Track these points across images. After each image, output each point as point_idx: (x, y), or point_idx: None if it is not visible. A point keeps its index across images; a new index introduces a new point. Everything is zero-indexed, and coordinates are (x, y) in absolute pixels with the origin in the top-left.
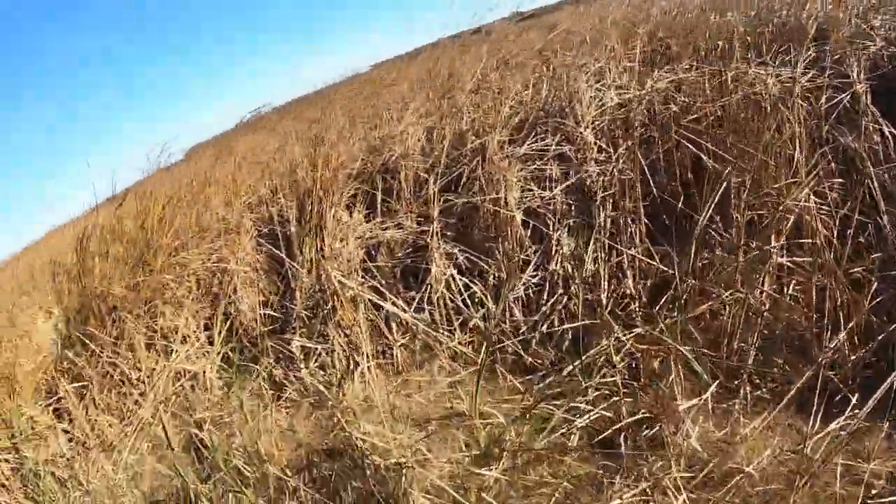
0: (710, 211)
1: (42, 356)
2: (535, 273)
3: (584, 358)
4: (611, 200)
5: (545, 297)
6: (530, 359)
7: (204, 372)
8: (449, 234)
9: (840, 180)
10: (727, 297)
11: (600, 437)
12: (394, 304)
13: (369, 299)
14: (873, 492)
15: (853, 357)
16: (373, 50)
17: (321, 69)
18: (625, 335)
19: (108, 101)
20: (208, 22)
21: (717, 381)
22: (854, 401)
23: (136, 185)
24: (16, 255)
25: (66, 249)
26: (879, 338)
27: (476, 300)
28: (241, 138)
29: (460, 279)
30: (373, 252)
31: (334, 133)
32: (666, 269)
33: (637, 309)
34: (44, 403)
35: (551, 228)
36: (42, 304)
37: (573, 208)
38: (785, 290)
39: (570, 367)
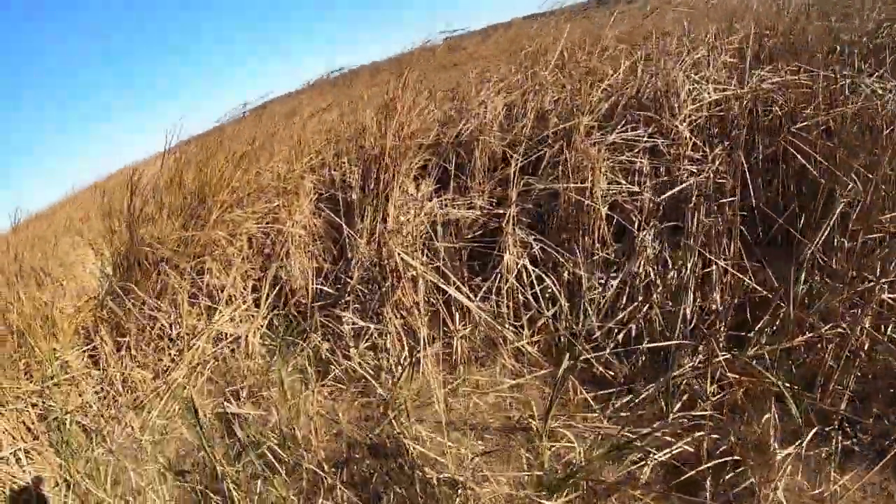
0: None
1: (85, 299)
2: (615, 274)
3: (665, 380)
4: (705, 204)
5: (623, 303)
6: (602, 369)
7: (246, 337)
8: (524, 219)
9: None
10: (826, 330)
11: (681, 478)
12: (458, 289)
13: (431, 282)
14: None
15: None
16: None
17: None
18: (713, 359)
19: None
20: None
21: (814, 430)
22: None
23: (200, 137)
24: (74, 195)
25: (121, 193)
26: None
27: (547, 296)
28: (309, 100)
29: (533, 271)
30: (439, 230)
31: (408, 100)
32: (759, 288)
33: (722, 328)
34: (80, 348)
35: (636, 227)
36: (92, 243)
37: (662, 207)
38: (885, 329)
39: (650, 389)
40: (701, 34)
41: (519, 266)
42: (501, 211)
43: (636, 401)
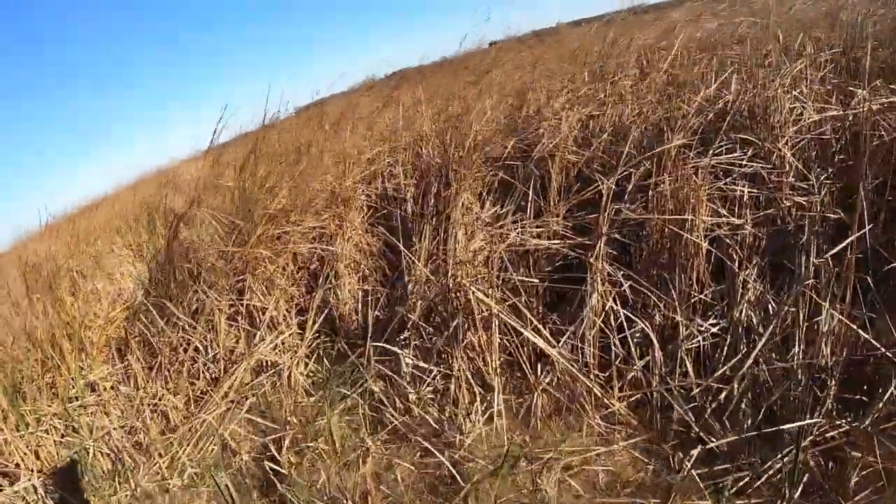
0: None
1: (119, 309)
2: (716, 321)
3: (785, 456)
4: (815, 241)
5: (724, 354)
6: (702, 433)
7: (290, 368)
8: (609, 250)
9: None
10: None
11: None
12: (537, 331)
13: (507, 323)
14: None
15: None
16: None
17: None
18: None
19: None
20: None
21: None
22: None
23: (242, 138)
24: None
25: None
26: None
27: (635, 340)
28: (361, 101)
29: (622, 313)
30: (510, 256)
31: (476, 106)
32: (875, 343)
33: (832, 384)
34: (110, 365)
35: (737, 265)
36: (132, 244)
37: (764, 243)
38: None
39: (769, 468)
40: (793, 44)
41: (607, 307)
42: (586, 241)
43: (747, 479)
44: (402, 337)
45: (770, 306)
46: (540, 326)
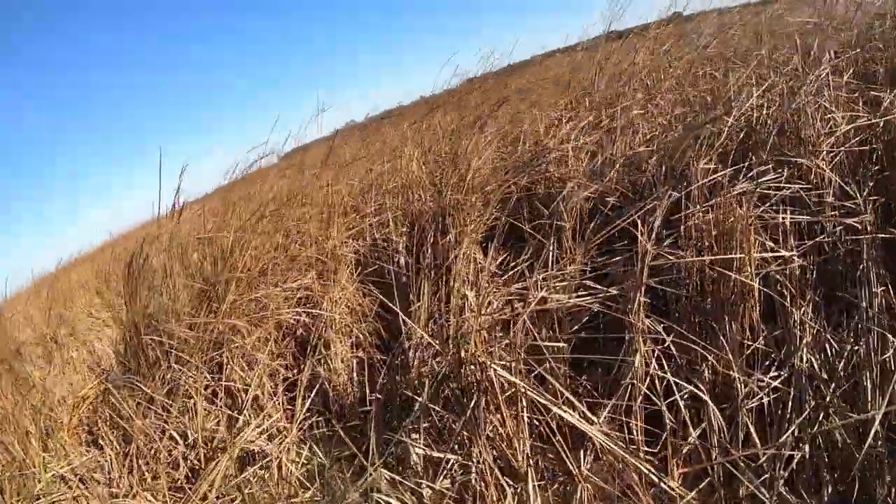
0: None
1: (91, 384)
2: (777, 373)
3: None
4: (873, 267)
5: (789, 411)
6: None
7: (279, 458)
8: (644, 299)
9: None
10: None
11: None
12: (570, 404)
13: (534, 400)
14: None
15: None
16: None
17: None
18: None
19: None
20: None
21: None
22: None
23: (219, 192)
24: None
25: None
26: None
27: (684, 402)
28: (340, 146)
29: (666, 374)
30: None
31: (472, 143)
32: None
33: None
34: (84, 449)
35: (789, 303)
36: (111, 306)
37: (814, 275)
38: None
39: None
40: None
41: (650, 370)
42: (615, 291)
43: None
44: (408, 420)
45: (830, 346)
46: (574, 400)
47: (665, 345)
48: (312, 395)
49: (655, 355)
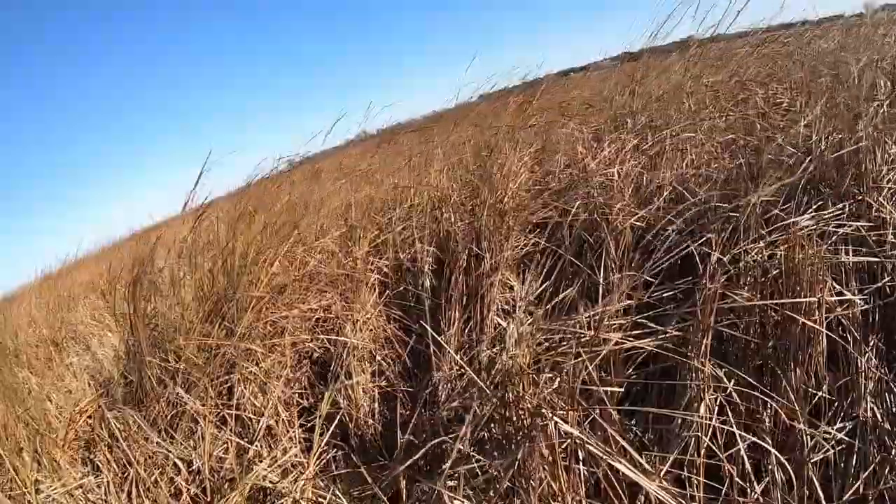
0: None
1: (91, 396)
2: (842, 424)
3: None
4: None
5: (854, 464)
6: None
7: (295, 499)
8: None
9: None
10: None
11: None
12: (623, 453)
13: (594, 454)
14: None
15: None
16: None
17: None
18: None
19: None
20: None
21: None
22: None
23: (228, 198)
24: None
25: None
26: None
27: (744, 453)
28: (358, 156)
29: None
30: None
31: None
32: None
33: None
34: (80, 468)
35: (852, 348)
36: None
37: (876, 318)
38: None
39: None
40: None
41: (713, 420)
42: (675, 330)
43: None
44: (445, 466)
45: (892, 395)
46: (631, 451)
47: (727, 392)
48: (332, 428)
49: (718, 403)
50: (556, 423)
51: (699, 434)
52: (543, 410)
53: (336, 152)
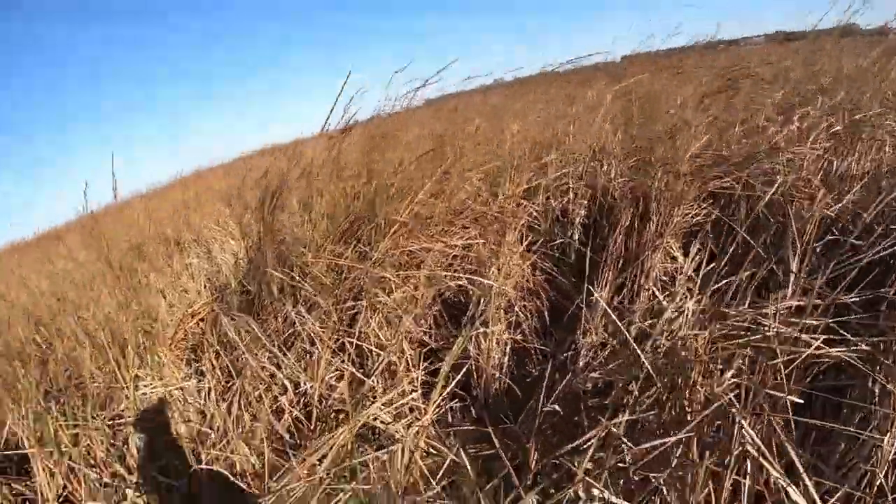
0: None
1: (204, 300)
2: None
3: None
4: None
5: None
6: None
7: (406, 445)
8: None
9: None
10: None
11: None
12: (793, 477)
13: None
14: None
15: None
16: None
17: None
18: None
19: None
20: None
21: None
22: None
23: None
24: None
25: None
26: None
27: None
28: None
29: None
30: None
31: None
32: None
33: None
34: (179, 371)
35: None
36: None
37: None
38: None
39: None
40: None
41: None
42: (873, 340)
43: None
44: (580, 441)
45: None
46: (805, 478)
47: None
48: (458, 376)
49: None
50: (742, 428)
51: (875, 469)
52: (742, 419)
53: (472, 94)
